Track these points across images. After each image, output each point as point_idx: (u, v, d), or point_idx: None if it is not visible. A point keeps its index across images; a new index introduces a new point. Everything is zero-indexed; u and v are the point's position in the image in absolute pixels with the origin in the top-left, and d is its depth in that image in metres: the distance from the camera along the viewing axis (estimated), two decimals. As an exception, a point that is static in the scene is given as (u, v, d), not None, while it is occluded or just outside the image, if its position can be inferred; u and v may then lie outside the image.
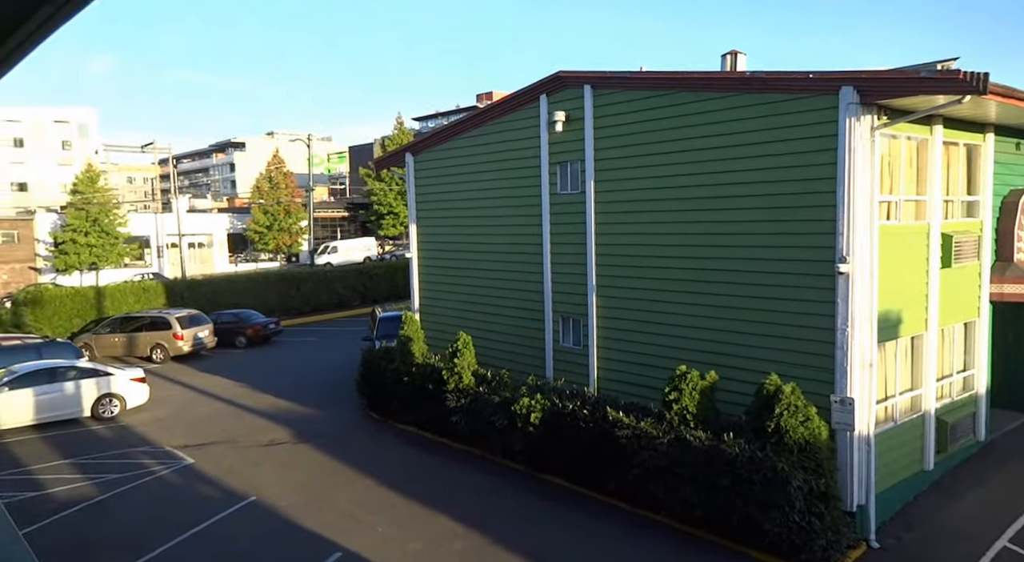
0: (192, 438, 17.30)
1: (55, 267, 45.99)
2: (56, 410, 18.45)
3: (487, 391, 14.80)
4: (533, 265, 16.50)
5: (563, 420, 13.15)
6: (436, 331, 18.88)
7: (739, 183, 12.42)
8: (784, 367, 11.50)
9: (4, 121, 71.75)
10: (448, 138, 18.67)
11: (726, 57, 15.01)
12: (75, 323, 29.36)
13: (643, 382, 14.05)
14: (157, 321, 26.79)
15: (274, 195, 55.07)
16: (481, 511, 12.56)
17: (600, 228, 14.93)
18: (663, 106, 13.46)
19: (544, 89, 15.67)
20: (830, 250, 11.13)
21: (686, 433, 11.27)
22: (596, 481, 12.87)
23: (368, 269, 40.69)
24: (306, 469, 14.99)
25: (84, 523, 12.55)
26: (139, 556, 11.15)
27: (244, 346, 28.74)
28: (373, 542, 11.51)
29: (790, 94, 11.48)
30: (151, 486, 14.32)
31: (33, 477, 14.67)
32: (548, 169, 15.92)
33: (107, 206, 47.29)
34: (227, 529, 12.20)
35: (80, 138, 76.45)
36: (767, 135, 11.90)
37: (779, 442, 10.45)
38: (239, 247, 58.63)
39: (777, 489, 10.13)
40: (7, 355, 20.23)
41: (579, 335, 15.72)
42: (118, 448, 16.72)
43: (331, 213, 67.85)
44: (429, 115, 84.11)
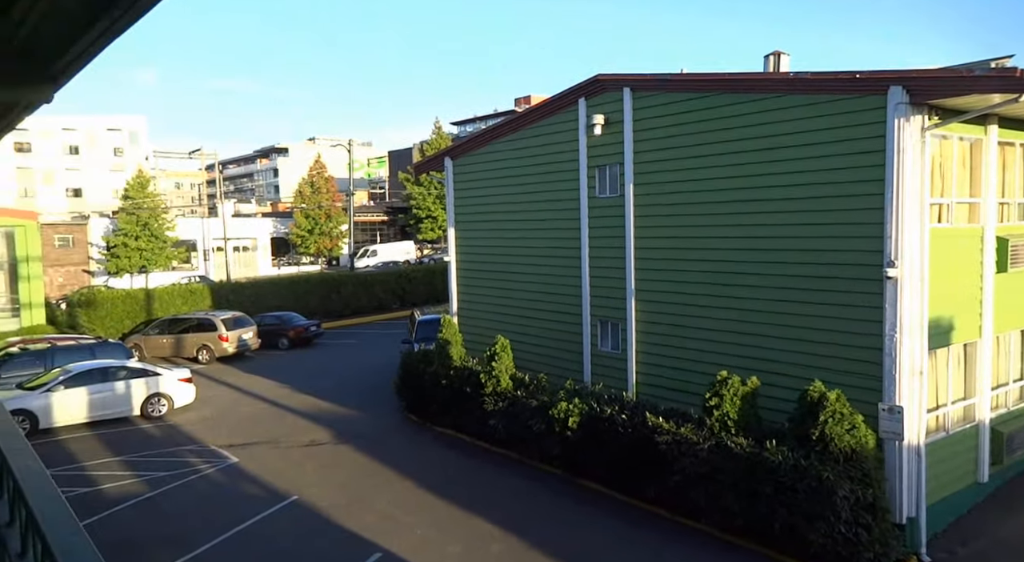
0: (236, 438, 17.70)
1: (107, 270, 47.60)
2: (108, 409, 19.06)
3: (525, 395, 14.80)
4: (571, 269, 16.46)
5: (601, 425, 13.07)
6: (474, 334, 18.96)
7: (783, 186, 12.20)
8: (828, 374, 11.23)
9: (61, 129, 74.70)
10: (486, 142, 18.77)
11: (769, 58, 14.78)
12: (126, 324, 30.32)
13: (683, 387, 13.88)
14: (203, 323, 27.50)
15: (315, 200, 56.11)
16: (519, 515, 12.56)
17: (639, 231, 14.82)
18: (704, 108, 13.30)
19: (583, 92, 15.64)
20: (878, 254, 10.84)
21: (727, 440, 11.09)
22: (635, 487, 12.75)
23: (407, 272, 41.11)
24: (346, 470, 15.20)
25: (134, 519, 12.94)
26: (186, 553, 11.45)
27: (286, 348, 29.29)
28: (412, 543, 11.60)
29: (836, 95, 11.23)
30: (197, 484, 14.69)
31: (86, 473, 15.19)
32: (586, 172, 15.87)
33: (156, 211, 48.79)
34: (270, 528, 12.44)
35: (131, 145, 79.11)
36: (811, 136, 11.66)
37: (824, 450, 10.20)
38: (281, 251, 59.89)
39: (822, 498, 9.89)
40: (63, 355, 20.99)
41: (617, 339, 15.62)
42: (166, 446, 17.20)
43: (371, 217, 68.81)
44: (467, 119, 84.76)
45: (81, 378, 18.86)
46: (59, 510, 1.66)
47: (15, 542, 1.92)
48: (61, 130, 74.86)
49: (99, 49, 4.04)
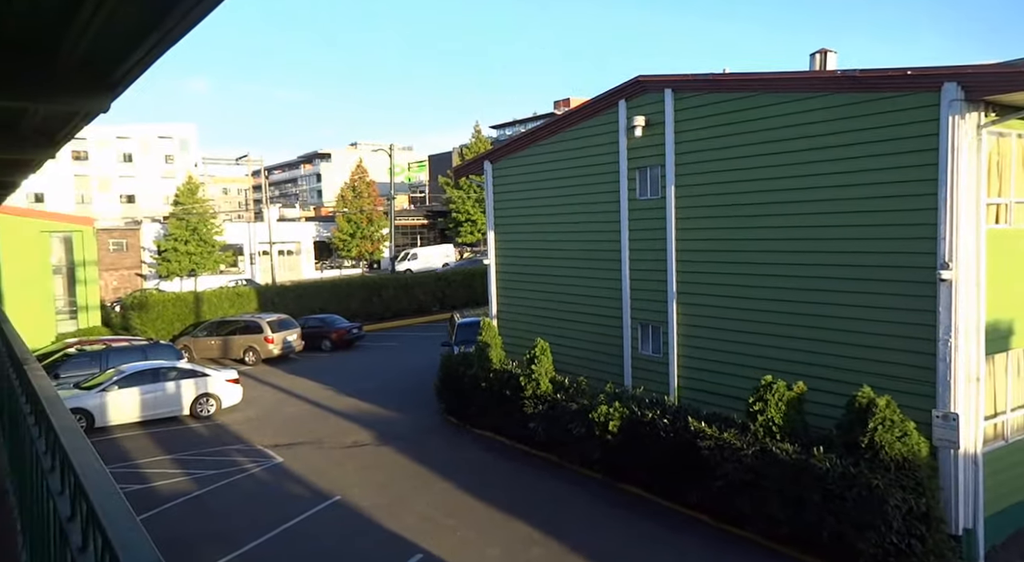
0: (281, 438, 18.05)
1: (158, 273, 49.12)
2: (159, 408, 19.65)
3: (565, 398, 14.74)
4: (611, 271, 16.35)
5: (642, 429, 12.94)
6: (513, 337, 18.98)
7: (830, 186, 11.91)
8: (878, 379, 10.91)
9: (116, 138, 77.51)
10: (526, 145, 18.79)
11: (815, 56, 14.44)
12: (176, 326, 31.23)
13: (726, 392, 13.65)
14: (250, 325, 28.14)
15: (357, 204, 56.97)
16: (559, 518, 12.51)
17: (681, 234, 14.64)
18: (748, 108, 13.09)
19: (623, 94, 15.54)
20: (931, 256, 10.49)
21: (772, 445, 10.86)
22: (677, 492, 12.58)
23: (446, 276, 41.40)
24: (387, 471, 15.36)
25: (184, 516, 13.30)
26: (234, 550, 11.72)
27: (329, 350, 29.77)
28: (452, 545, 11.65)
29: (886, 93, 10.91)
30: (244, 483, 15.03)
31: (139, 471, 15.68)
32: (627, 174, 15.76)
33: (205, 216, 50.16)
34: (314, 527, 12.65)
35: (181, 152, 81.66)
36: (860, 136, 11.36)
37: (873, 458, 9.91)
38: (324, 254, 60.94)
39: (872, 507, 9.60)
40: (117, 356, 21.74)
41: (659, 343, 15.44)
42: (214, 446, 17.64)
43: (411, 221, 69.53)
44: (506, 123, 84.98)
45: (134, 378, 19.48)
46: (118, 506, 1.71)
47: (76, 536, 1.99)
48: (116, 139, 77.71)
49: (154, 59, 4.18)
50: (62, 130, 6.96)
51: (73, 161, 74.86)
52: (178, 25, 3.60)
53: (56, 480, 2.41)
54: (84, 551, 1.89)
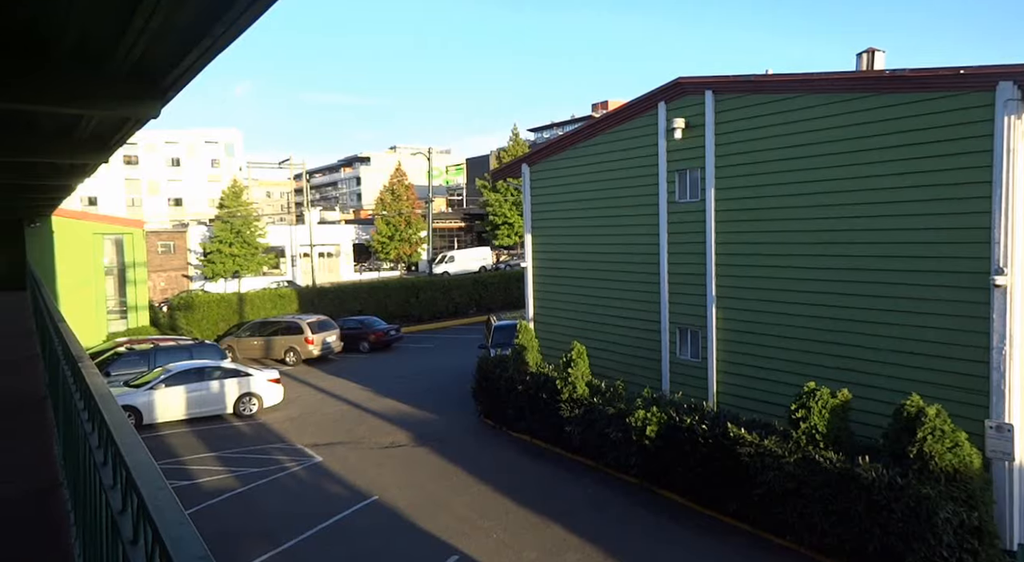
0: (320, 437, 18.33)
1: (203, 275, 50.38)
2: (204, 406, 20.14)
3: (601, 402, 14.65)
4: (649, 275, 16.20)
5: (680, 435, 12.77)
6: (550, 340, 18.94)
7: (877, 189, 11.62)
8: (927, 388, 10.58)
9: (164, 143, 79.90)
10: (564, 148, 18.76)
11: (862, 56, 14.09)
12: (220, 327, 31.98)
13: (766, 398, 13.39)
14: (291, 326, 28.65)
15: (396, 207, 57.55)
16: (595, 523, 12.42)
17: (720, 237, 14.44)
18: (791, 109, 12.85)
19: (663, 96, 15.40)
20: (984, 261, 10.13)
21: (815, 453, 10.61)
22: (715, 500, 12.38)
23: (483, 278, 41.54)
24: (424, 471, 15.47)
25: (227, 512, 13.60)
26: (275, 546, 11.94)
27: (367, 351, 30.12)
28: (488, 548, 11.67)
29: (938, 92, 10.59)
30: (284, 481, 15.30)
31: (184, 467, 16.09)
32: (666, 177, 15.60)
33: (248, 219, 51.30)
34: (352, 526, 12.80)
35: (227, 157, 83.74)
36: (910, 137, 11.05)
37: (923, 469, 9.60)
38: (363, 256, 61.71)
39: (921, 520, 9.31)
40: (164, 355, 22.37)
41: (697, 347, 15.24)
42: (256, 444, 18.01)
43: (448, 223, 69.97)
44: (544, 126, 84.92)
45: (180, 377, 20.00)
46: (168, 501, 1.75)
47: (128, 529, 2.04)
48: (164, 143, 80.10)
49: (202, 65, 4.30)
50: (115, 135, 7.20)
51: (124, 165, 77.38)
52: (226, 32, 3.69)
53: (108, 474, 2.48)
54: (135, 544, 1.94)
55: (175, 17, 3.66)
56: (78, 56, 4.58)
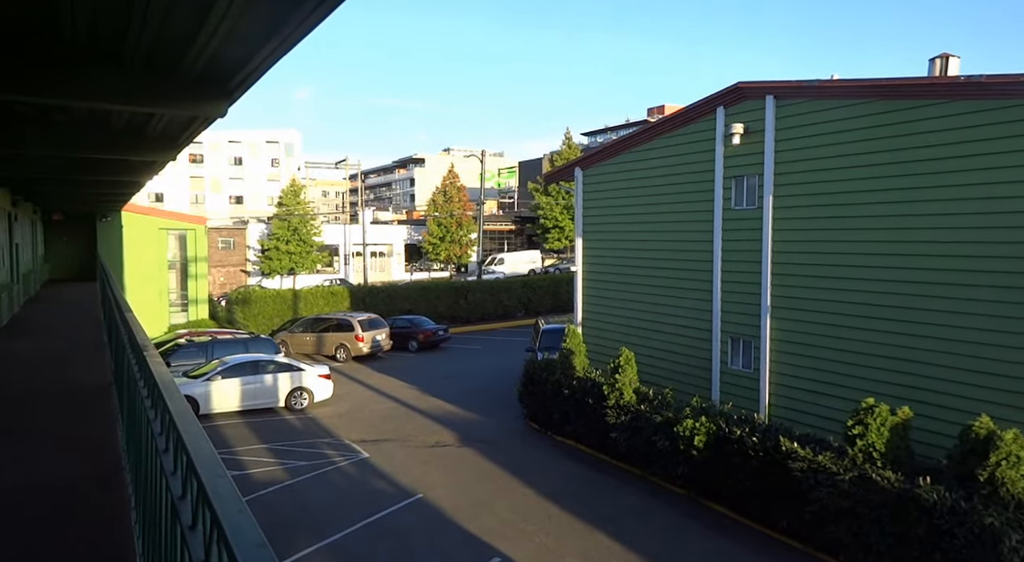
0: (368, 434, 18.61)
1: (261, 271, 51.84)
2: (257, 399, 20.70)
3: (648, 410, 14.44)
4: (702, 282, 15.92)
5: (730, 446, 12.49)
6: (598, 345, 18.79)
7: (947, 199, 11.14)
8: (996, 409, 10.08)
9: (227, 142, 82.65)
10: (618, 152, 18.61)
11: (935, 61, 13.54)
12: (275, 322, 32.83)
13: (821, 413, 12.98)
14: (342, 323, 29.19)
15: (448, 208, 58.08)
16: (639, 533, 12.25)
17: (777, 245, 14.08)
18: (856, 116, 12.45)
19: (721, 101, 15.13)
20: (1062, 276, 9.60)
21: (872, 472, 10.22)
22: (764, 515, 12.05)
23: (532, 281, 41.52)
24: (468, 472, 15.53)
25: (277, 503, 13.93)
26: (322, 539, 12.17)
27: (415, 350, 30.46)
28: (530, 551, 11.63)
29: (1016, 100, 10.10)
30: (332, 475, 15.59)
31: (238, 458, 16.57)
32: (722, 183, 15.31)
33: (305, 217, 52.57)
34: (397, 523, 12.95)
35: (286, 157, 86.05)
36: (984, 146, 10.57)
37: (992, 494, 9.13)
38: (414, 257, 62.50)
39: (986, 547, 8.86)
40: (221, 347, 23.09)
41: (749, 357, 14.89)
42: (305, 438, 18.40)
43: (499, 226, 70.25)
44: (598, 130, 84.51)
45: (236, 370, 20.60)
46: (227, 488, 1.79)
47: (187, 514, 2.10)
48: (227, 143, 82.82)
49: (267, 67, 4.43)
50: (183, 134, 7.49)
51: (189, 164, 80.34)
52: (291, 35, 3.79)
53: (169, 460, 2.56)
54: (194, 529, 1.99)
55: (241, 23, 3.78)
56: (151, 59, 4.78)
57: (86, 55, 4.69)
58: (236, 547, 1.46)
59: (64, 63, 4.74)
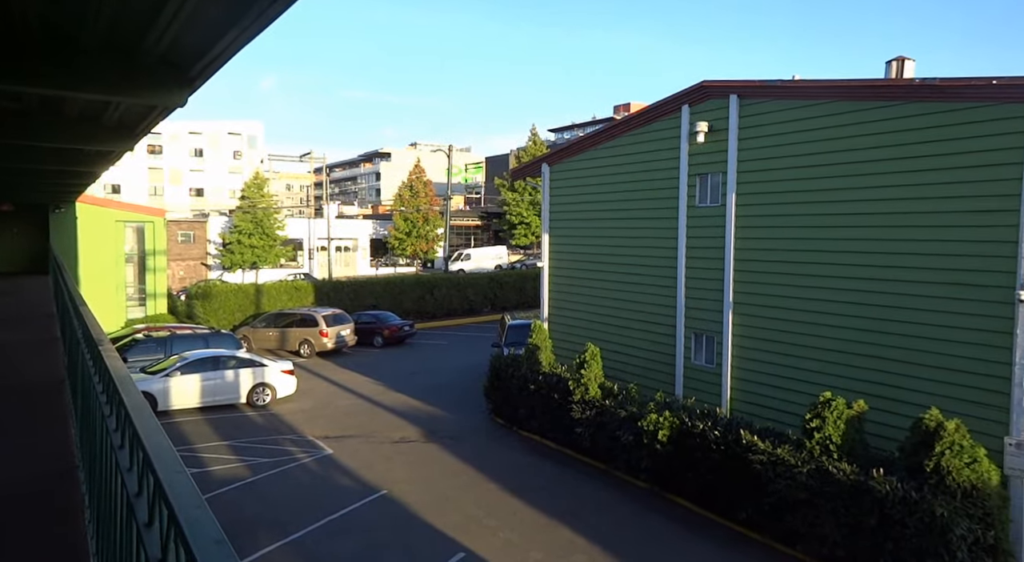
0: (332, 430, 18.42)
1: (222, 265, 50.83)
2: (218, 395, 20.32)
3: (613, 405, 14.59)
4: (666, 278, 16.11)
5: (692, 440, 12.69)
6: (564, 341, 18.90)
7: (902, 199, 11.47)
8: (947, 402, 10.43)
9: (188, 133, 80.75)
10: (584, 149, 18.70)
11: (891, 63, 13.91)
12: (237, 317, 32.24)
13: (780, 407, 13.27)
14: (306, 318, 28.82)
15: (414, 203, 57.72)
16: (603, 526, 12.37)
17: (740, 242, 14.32)
18: (817, 116, 12.72)
19: (686, 99, 15.31)
20: (1010, 275, 9.97)
21: (828, 464, 10.49)
22: (726, 507, 12.28)
23: (499, 277, 41.53)
24: (434, 468, 15.49)
25: (238, 501, 13.71)
26: (284, 536, 12.02)
27: (380, 346, 30.23)
28: (495, 546, 11.66)
29: (968, 103, 10.43)
30: (295, 472, 15.39)
31: (198, 455, 16.25)
32: (687, 181, 15.51)
33: (269, 211, 51.69)
34: (361, 519, 12.85)
35: (249, 149, 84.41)
36: (938, 147, 10.90)
37: (939, 484, 9.46)
38: (380, 252, 61.96)
39: (935, 536, 9.17)
40: (180, 343, 22.59)
41: (712, 353, 15.13)
42: (268, 434, 18.13)
43: (466, 221, 70.06)
44: (565, 126, 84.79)
45: (196, 365, 20.19)
46: (184, 484, 1.75)
47: (143, 512, 2.04)
48: (188, 134, 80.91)
49: (230, 55, 4.33)
50: (141, 124, 7.28)
51: (148, 154, 78.28)
52: (254, 23, 3.71)
53: (125, 457, 2.49)
54: (150, 526, 1.95)
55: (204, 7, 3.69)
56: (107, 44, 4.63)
57: (38, 40, 4.52)
58: (194, 544, 1.43)
59: (15, 49, 4.57)
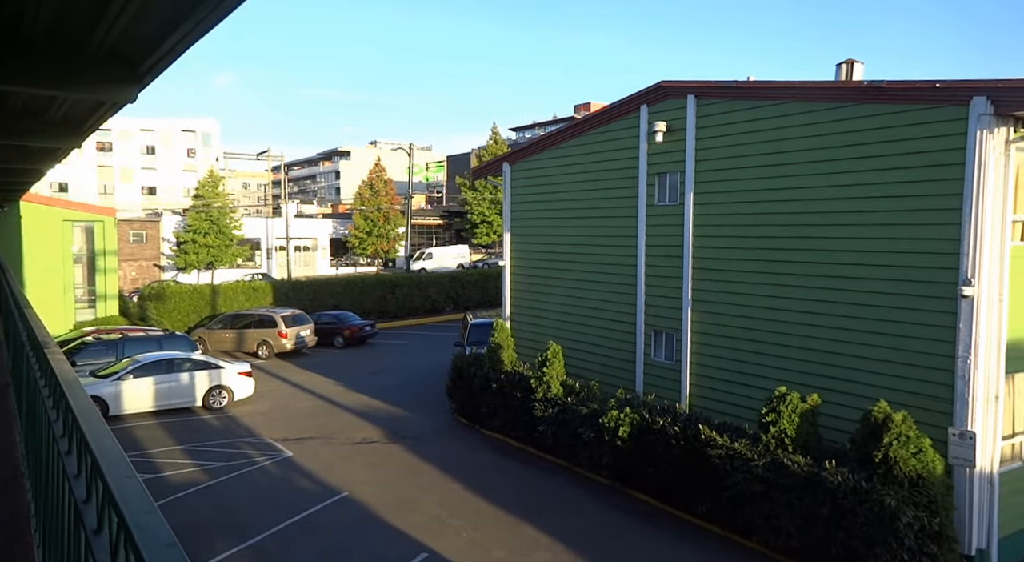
0: (291, 432, 18.14)
1: (176, 265, 49.57)
2: (172, 398, 19.82)
3: (575, 402, 14.70)
4: (627, 277, 16.29)
5: (652, 436, 12.87)
6: (526, 340, 18.96)
7: (852, 198, 11.81)
8: (895, 394, 10.78)
9: (139, 130, 78.49)
10: (545, 148, 18.78)
11: (841, 66, 14.31)
12: (192, 318, 31.49)
13: (738, 402, 13.54)
14: (264, 319, 28.32)
15: (375, 202, 57.17)
16: (566, 523, 12.46)
17: (698, 241, 14.56)
18: (771, 117, 13.00)
19: (645, 99, 15.49)
20: (953, 272, 10.35)
21: (783, 457, 10.76)
22: (686, 501, 12.49)
23: (461, 276, 41.43)
24: (395, 468, 15.39)
25: (195, 506, 13.40)
26: (243, 541, 11.79)
27: (341, 346, 29.89)
28: (458, 546, 11.64)
29: (913, 105, 10.80)
30: (253, 475, 15.12)
31: (151, 460, 15.82)
32: (646, 180, 15.70)
33: (225, 209, 50.59)
34: (322, 521, 12.69)
35: (203, 146, 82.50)
36: (885, 148, 11.25)
37: (887, 474, 9.78)
38: (340, 251, 61.22)
39: (884, 524, 9.48)
40: (133, 345, 21.96)
41: (672, 350, 15.36)
42: (225, 437, 17.77)
43: (427, 220, 69.70)
44: (526, 125, 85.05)
45: (149, 368, 19.66)
46: (135, 489, 1.72)
47: (92, 518, 1.99)
48: (139, 131, 78.69)
49: (182, 50, 4.22)
50: (89, 120, 7.04)
51: (97, 152, 75.86)
52: (208, 16, 3.62)
53: (72, 463, 2.42)
54: (99, 533, 1.90)
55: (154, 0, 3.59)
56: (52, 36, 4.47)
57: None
58: (144, 548, 1.40)
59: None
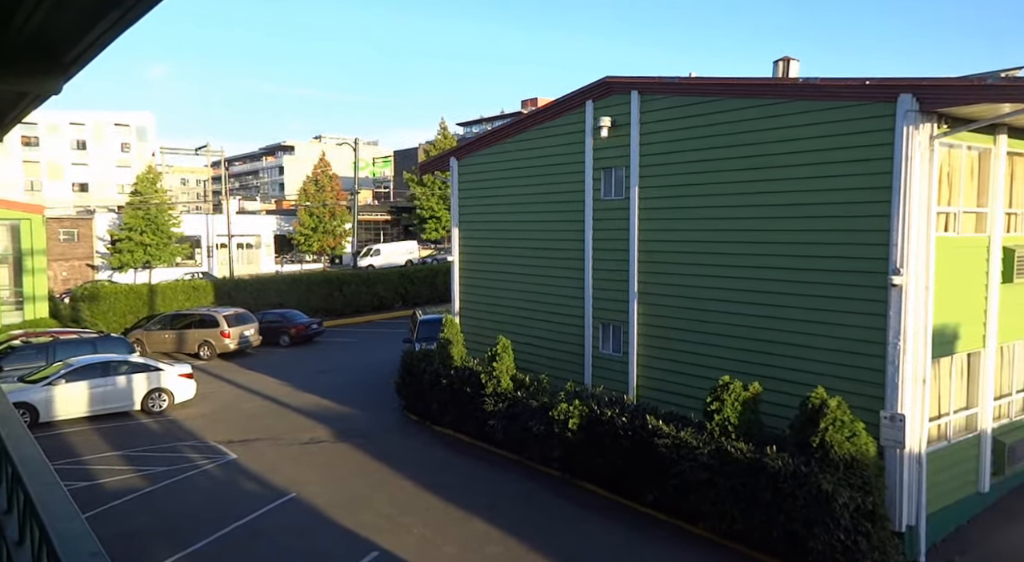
0: (236, 434, 17.69)
1: (111, 265, 47.64)
2: (108, 403, 19.06)
3: (525, 396, 14.77)
4: (574, 271, 16.44)
5: (601, 427, 13.04)
6: (476, 335, 18.94)
7: (789, 191, 12.18)
8: (832, 381, 11.20)
9: (68, 124, 74.99)
10: (492, 143, 18.76)
11: (778, 63, 14.73)
12: (129, 319, 30.33)
13: (684, 392, 13.84)
14: (206, 319, 27.51)
15: (320, 198, 56.09)
16: (517, 517, 12.53)
17: (643, 234, 14.80)
18: (712, 112, 13.29)
19: (590, 94, 15.63)
20: (883, 261, 10.81)
21: (727, 445, 11.06)
22: (635, 491, 12.71)
23: (409, 272, 41.08)
24: (345, 468, 15.18)
25: (133, 513, 12.93)
26: (184, 548, 11.43)
27: (287, 345, 29.30)
28: (409, 543, 11.58)
29: (845, 101, 11.20)
30: (196, 479, 14.68)
31: (86, 467, 15.18)
32: (592, 175, 15.86)
33: (163, 206, 48.83)
34: (268, 524, 12.42)
35: (138, 141, 79.38)
36: (820, 143, 11.65)
37: (824, 458, 10.16)
38: (285, 248, 59.89)
39: (821, 506, 9.85)
40: (65, 348, 21.00)
41: (619, 342, 15.58)
42: (165, 441, 17.20)
43: (375, 216, 68.82)
44: (473, 120, 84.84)
45: (82, 372, 18.86)
46: (58, 497, 1.64)
47: (13, 530, 1.90)
48: (68, 125, 75.20)
49: (111, 39, 4.04)
50: (10, 113, 6.68)
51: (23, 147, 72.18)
52: (138, 4, 3.48)
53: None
54: (21, 545, 1.81)
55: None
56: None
57: None
58: (66, 559, 1.34)
59: None
